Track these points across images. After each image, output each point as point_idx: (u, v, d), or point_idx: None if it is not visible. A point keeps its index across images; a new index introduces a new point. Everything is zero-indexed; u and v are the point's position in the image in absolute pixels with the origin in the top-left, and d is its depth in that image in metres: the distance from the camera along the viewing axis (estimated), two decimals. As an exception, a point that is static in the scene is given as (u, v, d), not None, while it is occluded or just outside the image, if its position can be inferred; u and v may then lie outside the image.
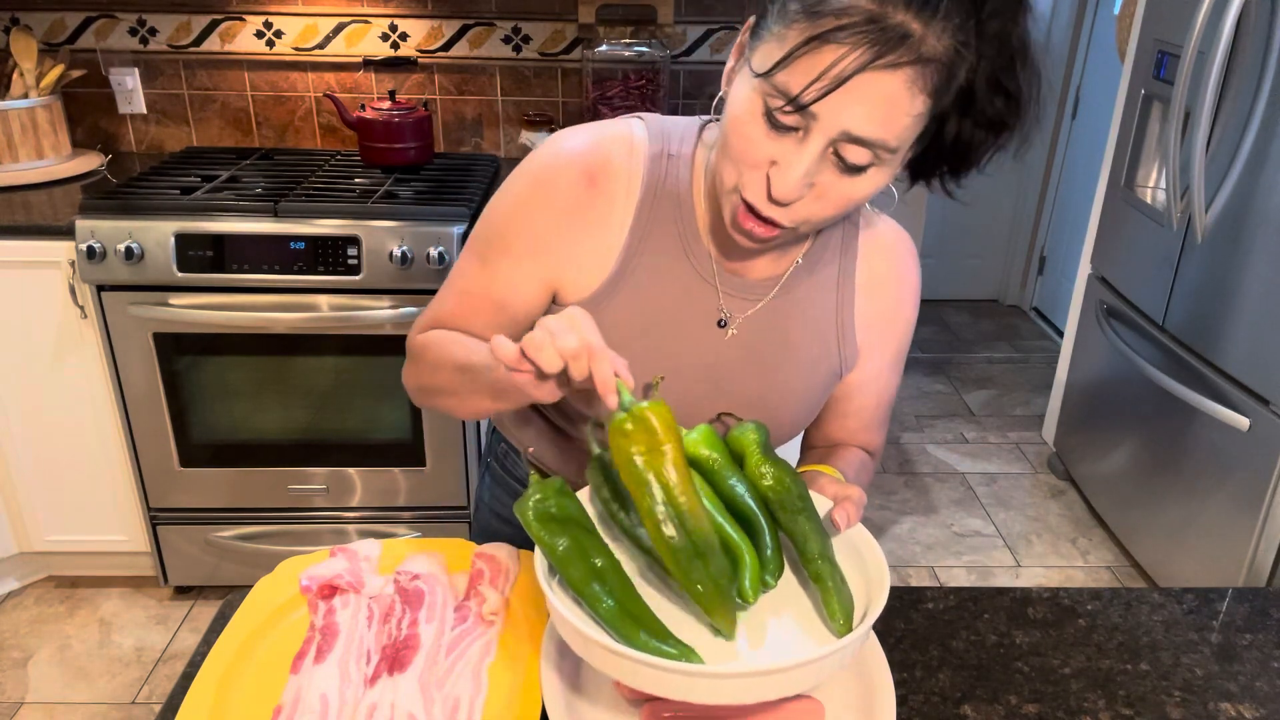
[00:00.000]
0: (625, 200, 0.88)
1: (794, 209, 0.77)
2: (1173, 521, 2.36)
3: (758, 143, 0.75)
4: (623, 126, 0.91)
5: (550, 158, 0.89)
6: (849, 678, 0.83)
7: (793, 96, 0.70)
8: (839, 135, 0.71)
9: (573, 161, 0.88)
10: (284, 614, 0.89)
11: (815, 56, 0.68)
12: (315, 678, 0.80)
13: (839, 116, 0.70)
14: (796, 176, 0.73)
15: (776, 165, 0.74)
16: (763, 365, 0.94)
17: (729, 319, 0.92)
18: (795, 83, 0.70)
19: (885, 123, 0.70)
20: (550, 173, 0.88)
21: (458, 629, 0.86)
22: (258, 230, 1.95)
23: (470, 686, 0.80)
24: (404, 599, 0.88)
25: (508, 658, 0.84)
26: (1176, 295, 2.35)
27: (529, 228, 0.89)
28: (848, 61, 0.67)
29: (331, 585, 0.89)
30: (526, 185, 0.89)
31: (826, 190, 0.76)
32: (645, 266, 0.90)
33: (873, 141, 0.71)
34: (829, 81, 0.68)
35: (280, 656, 0.84)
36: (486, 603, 0.88)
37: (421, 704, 0.78)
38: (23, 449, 2.16)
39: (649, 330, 0.91)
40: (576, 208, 0.88)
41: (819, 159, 0.73)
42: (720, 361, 0.93)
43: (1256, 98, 2.02)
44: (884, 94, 0.69)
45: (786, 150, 0.74)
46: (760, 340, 0.93)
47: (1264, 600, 1.00)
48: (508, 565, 0.93)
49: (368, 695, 0.79)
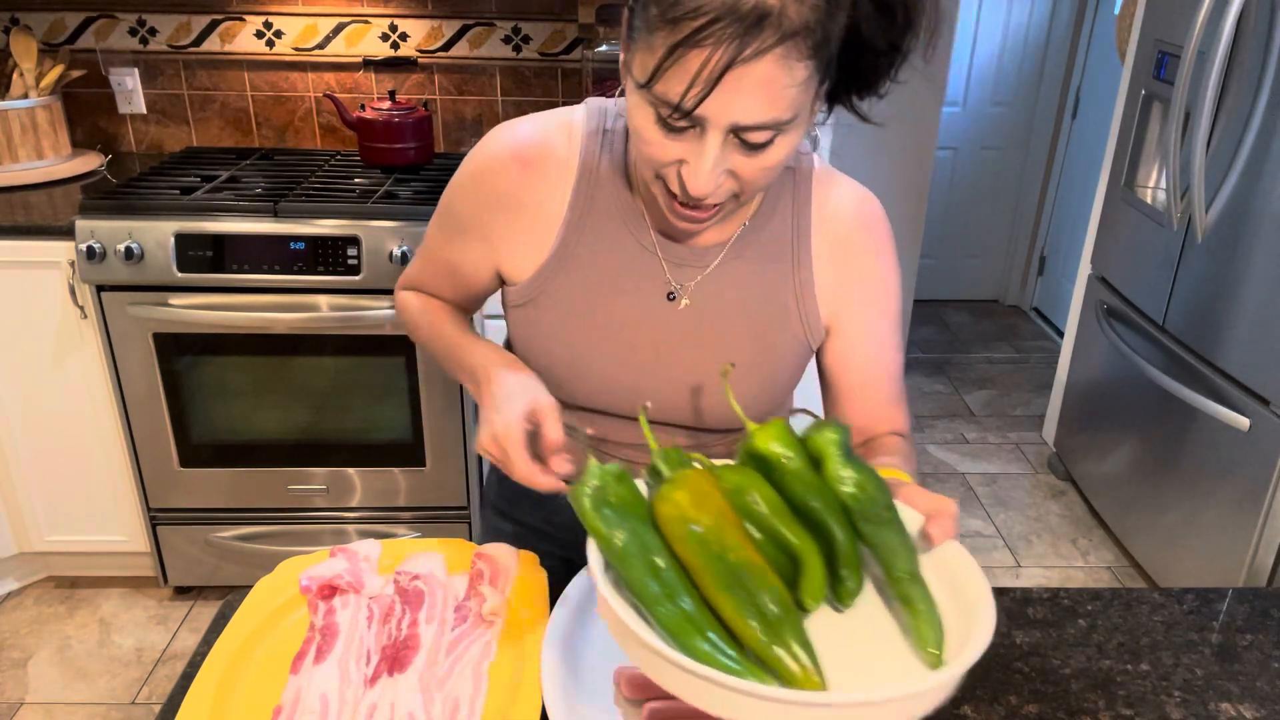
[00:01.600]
0: (561, 181, 0.91)
1: (720, 192, 0.78)
2: (1173, 521, 2.36)
3: (662, 146, 0.76)
4: (564, 111, 0.94)
5: (494, 143, 0.93)
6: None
7: (675, 104, 0.71)
8: (731, 127, 0.72)
9: (508, 149, 0.91)
10: (284, 614, 0.89)
11: (683, 64, 0.69)
12: (315, 678, 0.80)
13: (724, 112, 0.71)
14: (705, 172, 0.75)
15: (685, 164, 0.76)
16: (717, 336, 0.93)
17: (678, 291, 0.92)
18: (673, 91, 0.71)
19: (770, 104, 0.71)
20: (487, 162, 0.92)
21: (458, 629, 0.86)
22: (258, 230, 1.95)
23: (470, 686, 0.80)
24: (404, 599, 0.88)
25: (508, 658, 0.84)
26: (1176, 295, 2.35)
27: (470, 212, 0.94)
28: (714, 62, 0.67)
29: (331, 585, 0.89)
30: (469, 173, 0.94)
31: (743, 170, 0.77)
32: (586, 243, 0.91)
33: (764, 124, 0.72)
34: (702, 86, 0.69)
35: (280, 656, 0.84)
36: (486, 603, 0.88)
37: (421, 704, 0.78)
38: (23, 449, 2.16)
39: (596, 307, 0.92)
40: (511, 193, 0.91)
41: (721, 149, 0.74)
42: (673, 335, 0.93)
43: (1256, 98, 2.02)
44: (760, 80, 0.69)
45: (690, 149, 0.75)
46: (712, 309, 0.92)
47: (1264, 600, 1.00)
48: (508, 565, 0.93)
49: (368, 695, 0.79)
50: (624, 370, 0.94)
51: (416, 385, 2.10)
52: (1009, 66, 3.99)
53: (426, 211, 1.99)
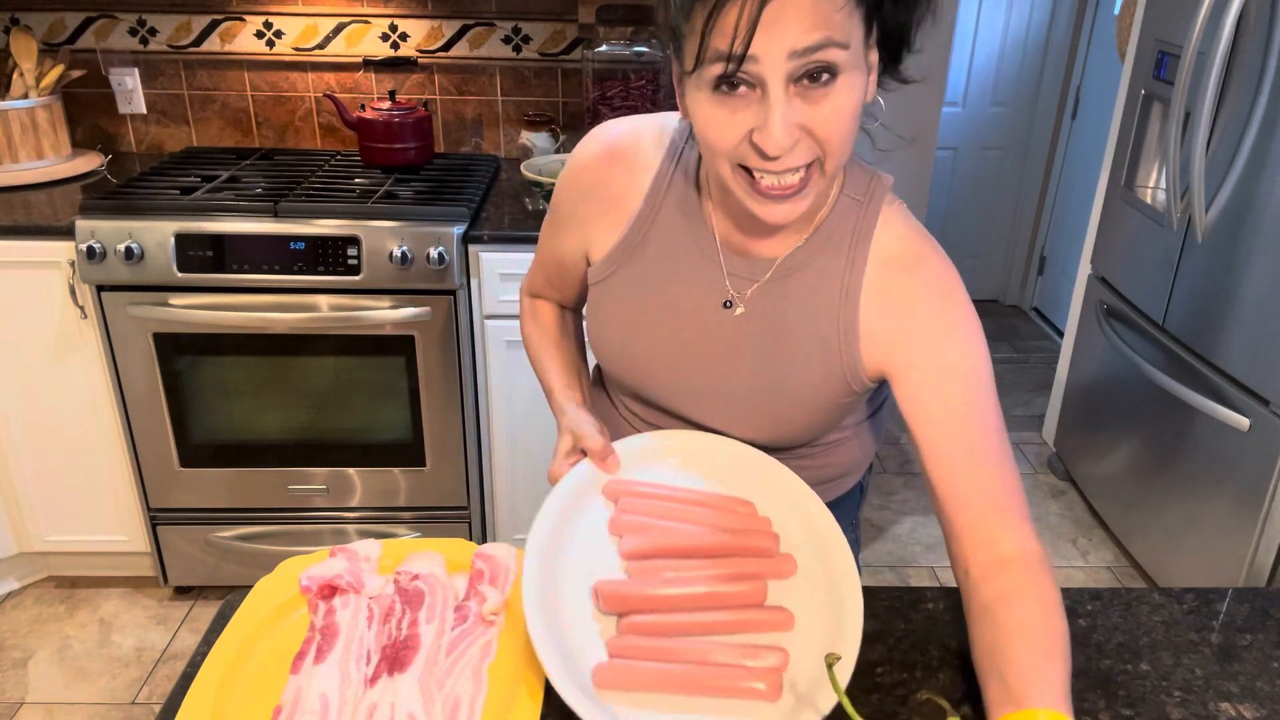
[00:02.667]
0: (642, 175, 0.97)
1: (798, 152, 0.78)
2: (1173, 521, 2.36)
3: (729, 123, 0.78)
4: (666, 115, 1.00)
5: (586, 145, 1.01)
6: (820, 588, 0.89)
7: (727, 56, 0.73)
8: (788, 60, 0.73)
9: (601, 145, 1.00)
10: (284, 614, 0.89)
11: (723, 19, 0.73)
12: (315, 678, 0.80)
13: (779, 43, 0.73)
14: (777, 125, 0.75)
15: (757, 129, 0.77)
16: (769, 347, 0.94)
17: (734, 299, 0.95)
18: (722, 44, 0.73)
19: (816, 23, 0.73)
20: (582, 158, 1.01)
21: (458, 629, 0.86)
22: (258, 230, 1.95)
23: (470, 686, 0.81)
24: (404, 599, 0.88)
25: (508, 658, 0.84)
26: (1176, 295, 2.35)
27: (568, 206, 1.03)
28: (750, 6, 0.71)
29: (331, 585, 0.89)
30: (568, 169, 1.03)
31: (812, 122, 0.77)
32: (654, 238, 0.97)
33: (818, 44, 0.73)
34: (745, 27, 0.72)
35: (280, 656, 0.84)
36: (487, 603, 0.88)
37: (421, 704, 0.78)
38: (23, 449, 2.16)
39: (654, 301, 0.98)
40: (600, 182, 0.99)
41: (787, 100, 0.75)
42: (727, 344, 0.96)
43: (1256, 98, 2.02)
44: (798, 4, 0.72)
45: (756, 113, 0.77)
46: (765, 321, 0.94)
47: (1264, 600, 1.00)
48: (508, 565, 0.93)
49: (368, 695, 0.79)
50: (671, 364, 0.99)
51: (416, 385, 2.10)
52: (1009, 66, 3.99)
53: (427, 211, 1.99)
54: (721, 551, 0.91)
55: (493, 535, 2.34)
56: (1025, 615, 0.78)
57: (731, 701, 0.79)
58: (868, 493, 1.04)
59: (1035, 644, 0.76)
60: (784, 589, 0.89)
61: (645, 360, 1.00)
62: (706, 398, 0.99)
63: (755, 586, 0.88)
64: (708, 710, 0.79)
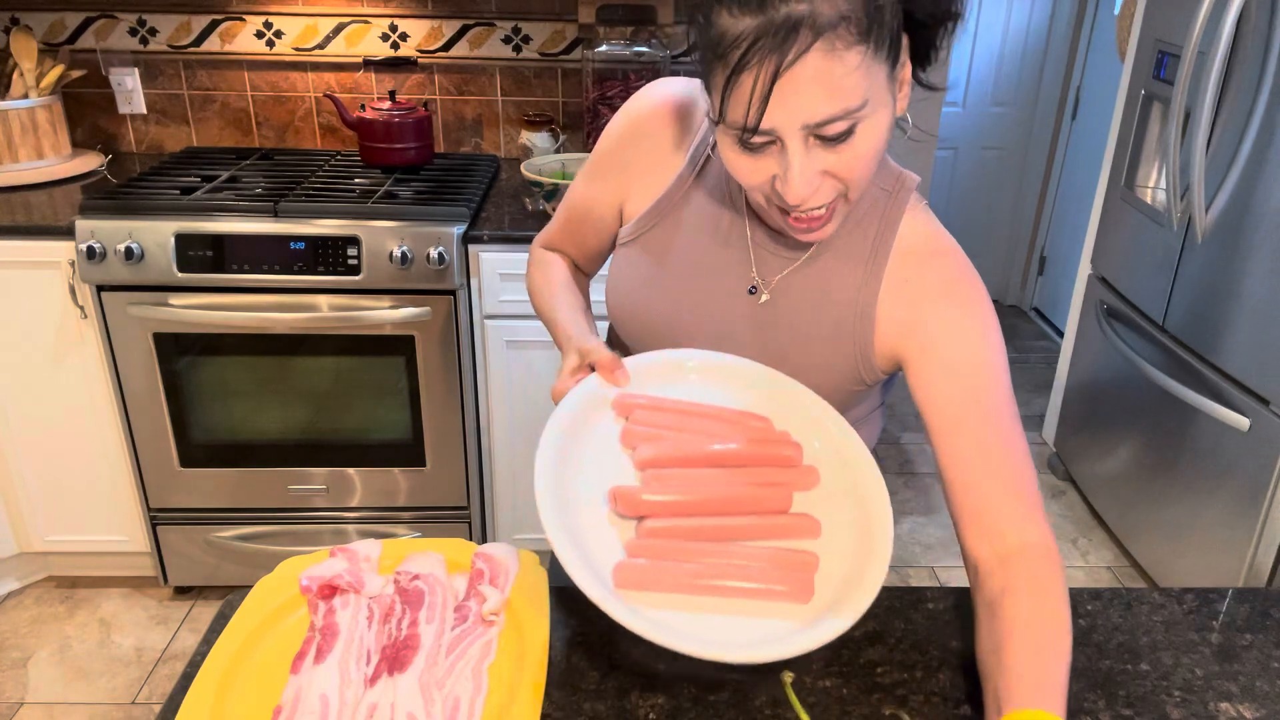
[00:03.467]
0: (691, 137, 0.97)
1: (823, 193, 0.80)
2: (1173, 521, 2.36)
3: (752, 169, 0.80)
4: None
5: (651, 93, 0.99)
6: (846, 500, 0.87)
7: (743, 125, 0.76)
8: (802, 130, 0.75)
9: (668, 95, 0.98)
10: (284, 614, 0.89)
11: (738, 90, 0.74)
12: (315, 678, 0.80)
13: (791, 118, 0.74)
14: (798, 179, 0.78)
15: (779, 178, 0.79)
16: (786, 331, 0.95)
17: (760, 285, 0.95)
18: (738, 116, 0.76)
19: (831, 96, 0.73)
20: (647, 105, 0.99)
21: (458, 629, 0.86)
22: (258, 230, 1.95)
23: (470, 686, 0.81)
24: (404, 599, 0.89)
25: (508, 658, 0.84)
26: (1176, 295, 2.35)
27: (615, 149, 1.01)
28: (763, 78, 0.72)
29: (331, 585, 0.89)
30: (626, 115, 1.00)
31: (836, 167, 0.79)
32: (690, 206, 0.97)
33: (834, 116, 0.74)
34: (759, 103, 0.74)
35: (280, 656, 0.84)
36: (487, 603, 0.88)
37: (421, 704, 0.78)
38: (23, 449, 2.16)
39: (678, 276, 0.97)
40: (658, 132, 0.98)
41: (806, 152, 0.77)
42: (746, 329, 0.96)
43: (1256, 98, 2.02)
44: (810, 78, 0.72)
45: (777, 161, 0.79)
46: (789, 308, 0.95)
47: (1264, 600, 1.00)
48: (508, 565, 0.93)
49: (368, 695, 0.79)
50: (683, 340, 0.98)
51: (416, 385, 2.10)
52: (1009, 66, 3.99)
53: (427, 211, 1.99)
54: (742, 461, 0.87)
55: (493, 535, 2.34)
56: (1023, 612, 0.77)
57: (758, 603, 0.77)
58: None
59: (1032, 644, 0.75)
60: (807, 500, 0.86)
61: (661, 330, 1.00)
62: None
63: (780, 492, 0.85)
64: (732, 610, 0.76)
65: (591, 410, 0.89)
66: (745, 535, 0.82)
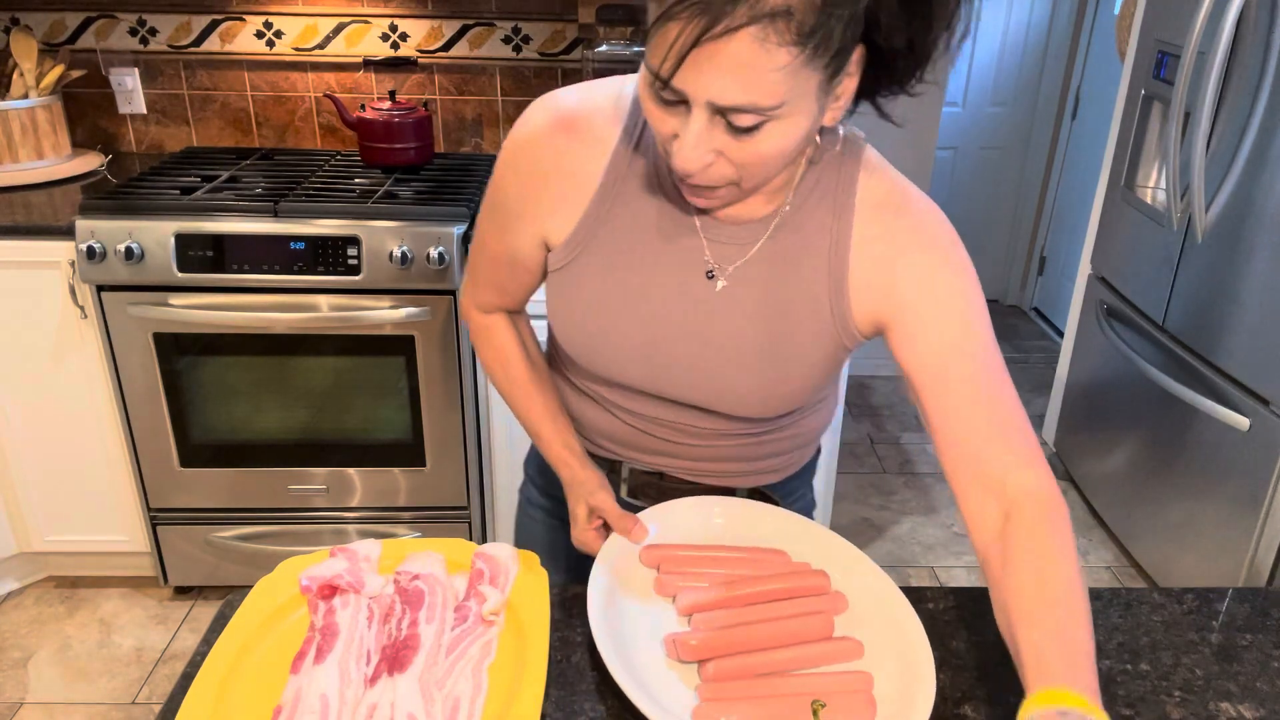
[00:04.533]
0: (601, 145, 0.90)
1: (710, 174, 0.78)
2: (1173, 521, 2.36)
3: (659, 118, 0.76)
4: (619, 79, 0.94)
5: (530, 121, 0.92)
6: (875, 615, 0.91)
7: (655, 73, 0.72)
8: (710, 105, 0.72)
9: (549, 119, 0.91)
10: (284, 614, 0.89)
11: (663, 35, 0.70)
12: (315, 678, 0.80)
13: (700, 88, 0.71)
14: (689, 148, 0.75)
15: (677, 138, 0.76)
16: (758, 321, 0.91)
17: (717, 270, 0.90)
18: (655, 60, 0.72)
19: (747, 86, 0.70)
20: (528, 137, 0.92)
21: (458, 629, 0.86)
22: (258, 230, 1.95)
23: (470, 686, 0.80)
24: (404, 599, 0.89)
25: (508, 658, 0.84)
26: (1176, 295, 2.35)
27: (517, 193, 0.94)
28: (686, 34, 0.68)
29: (331, 585, 0.89)
30: (512, 152, 0.93)
31: (733, 154, 0.76)
32: (622, 210, 0.91)
33: (743, 106, 0.71)
34: (674, 57, 0.69)
35: (280, 656, 0.84)
36: (487, 603, 0.88)
37: (421, 704, 0.78)
38: (23, 449, 2.16)
39: (630, 276, 0.91)
40: (553, 161, 0.91)
41: (707, 127, 0.74)
42: (707, 315, 0.91)
43: (1256, 98, 2.02)
44: (734, 59, 0.68)
45: (681, 123, 0.75)
46: (753, 293, 0.90)
47: (1264, 600, 1.00)
48: (507, 565, 0.93)
49: (368, 695, 0.79)
50: (649, 342, 0.93)
51: (416, 385, 2.10)
52: (1009, 66, 3.99)
53: (427, 211, 1.99)
54: (778, 595, 0.92)
55: (493, 535, 2.34)
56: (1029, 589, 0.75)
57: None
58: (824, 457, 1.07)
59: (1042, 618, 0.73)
60: (843, 623, 0.92)
61: (621, 346, 0.94)
62: (691, 374, 0.94)
63: (821, 619, 0.89)
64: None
65: (624, 564, 0.95)
66: (800, 665, 0.86)
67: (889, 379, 3.65)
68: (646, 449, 1.05)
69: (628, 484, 1.09)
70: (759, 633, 0.87)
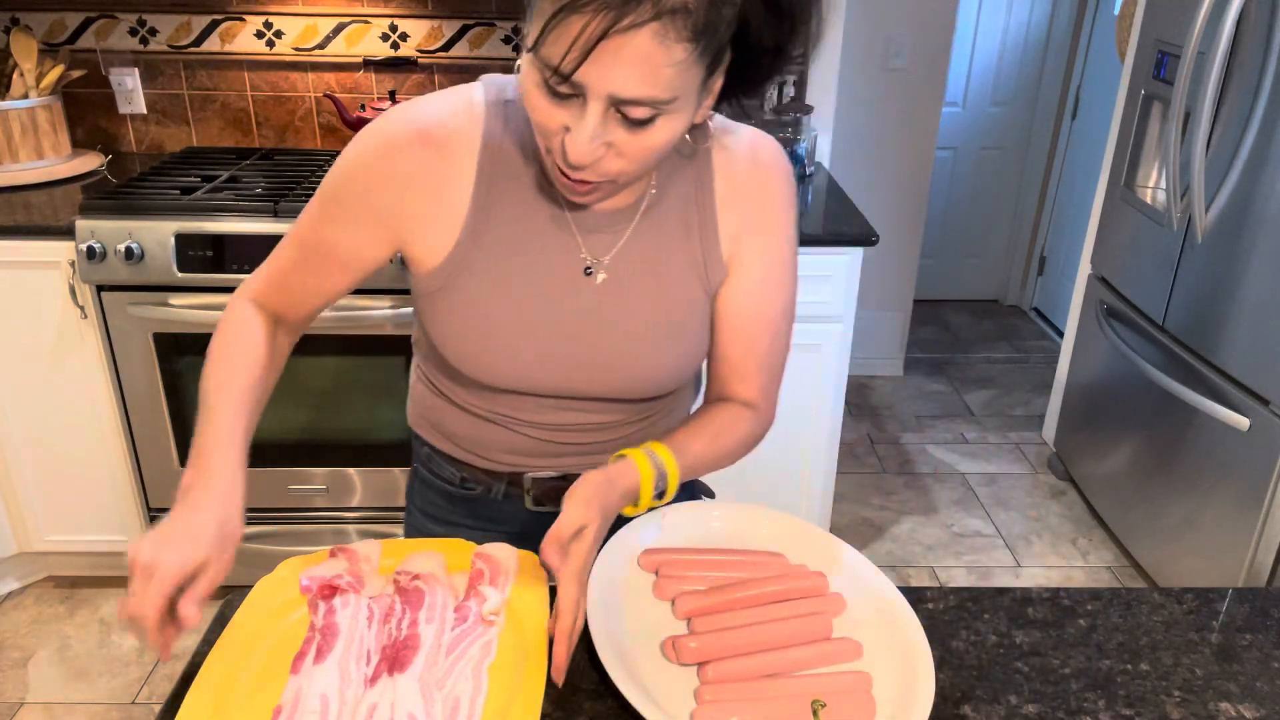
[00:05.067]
0: (466, 158, 0.90)
1: (598, 167, 0.79)
2: (1173, 521, 2.36)
3: (547, 112, 0.77)
4: (463, 89, 0.94)
5: (392, 124, 0.90)
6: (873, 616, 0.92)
7: (554, 67, 0.73)
8: (609, 98, 0.74)
9: (412, 128, 0.89)
10: (284, 614, 0.89)
11: (565, 27, 0.71)
12: (315, 678, 0.80)
13: (602, 81, 0.73)
14: (584, 141, 0.76)
15: (569, 131, 0.77)
16: (638, 306, 0.94)
17: (595, 264, 0.93)
18: (554, 54, 0.72)
19: (646, 79, 0.73)
20: (392, 138, 0.89)
21: (458, 629, 0.86)
22: (258, 230, 1.95)
23: (470, 686, 0.81)
24: (404, 599, 0.89)
25: (508, 658, 0.84)
26: (1176, 295, 2.35)
27: (366, 194, 0.90)
28: (592, 28, 0.70)
29: (332, 585, 0.89)
30: (367, 151, 0.90)
31: (624, 146, 0.78)
32: (497, 219, 0.91)
33: (641, 99, 0.74)
34: (580, 50, 0.71)
35: (280, 656, 0.84)
36: (487, 603, 0.88)
37: (421, 704, 0.78)
38: (23, 449, 2.16)
39: (513, 283, 0.92)
40: (417, 173, 0.89)
41: (603, 120, 0.76)
42: (592, 309, 0.93)
43: (1256, 98, 2.02)
44: (637, 53, 0.71)
45: (573, 116, 0.76)
46: (628, 281, 0.94)
47: (1264, 600, 1.00)
48: (508, 565, 0.93)
49: (368, 695, 0.79)
50: (545, 347, 0.94)
51: (416, 385, 2.10)
52: (1009, 66, 3.99)
53: (426, 211, 1.99)
54: (776, 597, 0.93)
55: (493, 535, 2.34)
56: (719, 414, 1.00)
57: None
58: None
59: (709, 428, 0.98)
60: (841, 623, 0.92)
61: (519, 355, 0.94)
62: (593, 368, 0.95)
63: (820, 620, 0.90)
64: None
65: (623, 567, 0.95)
66: (799, 666, 0.86)
67: (889, 379, 3.65)
68: (549, 454, 1.04)
69: (532, 494, 1.07)
70: (758, 635, 0.88)
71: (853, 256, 2.11)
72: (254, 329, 1.01)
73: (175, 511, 0.80)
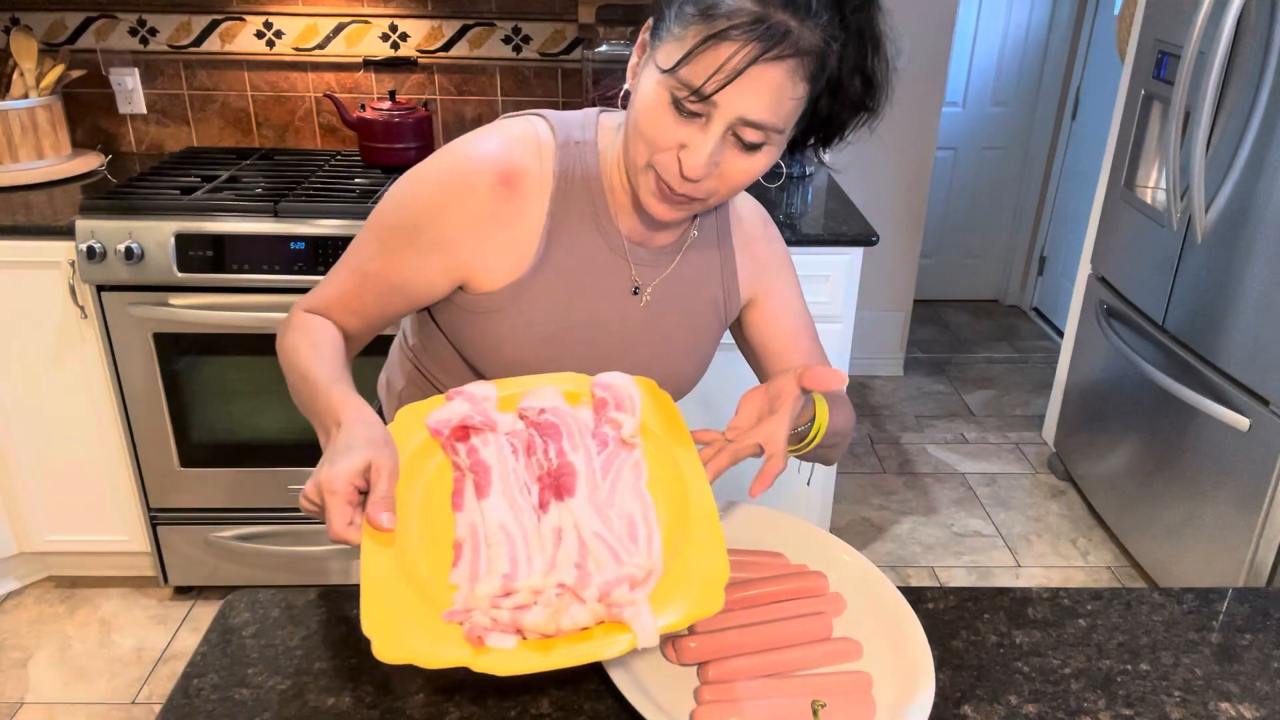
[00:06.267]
0: (540, 195, 0.96)
1: (702, 184, 0.87)
2: (1173, 521, 2.36)
3: (668, 129, 0.84)
4: (527, 126, 0.98)
5: (467, 161, 0.94)
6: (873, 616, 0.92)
7: (696, 88, 0.81)
8: (736, 120, 0.82)
9: (489, 165, 0.93)
10: (422, 458, 0.87)
11: (713, 53, 0.79)
12: (487, 511, 0.80)
13: (736, 104, 0.81)
14: (703, 157, 0.84)
15: (686, 148, 0.85)
16: (669, 325, 1.05)
17: (641, 286, 1.02)
18: (697, 76, 0.80)
19: (774, 107, 0.82)
20: (467, 176, 0.93)
21: (603, 454, 0.87)
22: (258, 230, 1.95)
23: (639, 504, 0.82)
24: (540, 432, 0.88)
25: (662, 473, 0.86)
26: (1176, 295, 2.35)
27: (439, 226, 0.93)
28: (741, 56, 0.78)
29: (464, 427, 0.87)
30: (442, 185, 0.94)
31: (728, 168, 0.87)
32: (563, 249, 0.98)
33: (765, 124, 0.83)
34: (727, 74, 0.79)
35: (433, 497, 0.83)
36: (624, 427, 0.88)
37: (601, 524, 0.79)
38: (23, 449, 2.16)
39: (571, 307, 0.99)
40: (492, 210, 0.94)
41: (721, 141, 0.84)
42: (635, 325, 1.03)
43: (1256, 98, 2.02)
44: (772, 83, 0.80)
45: (693, 134, 0.84)
46: (667, 303, 1.04)
47: (1264, 600, 1.00)
48: (629, 390, 0.92)
49: (545, 520, 0.80)
50: (591, 364, 1.01)
51: (416, 385, 2.10)
52: (1009, 66, 3.99)
53: (426, 211, 1.99)
54: (776, 597, 0.93)
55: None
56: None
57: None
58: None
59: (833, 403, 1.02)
60: (842, 623, 0.92)
61: (553, 365, 0.99)
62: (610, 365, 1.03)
63: (820, 620, 0.90)
64: None
65: None
66: (799, 666, 0.87)
67: (889, 379, 3.65)
68: None
69: None
70: (758, 635, 0.88)
71: (853, 256, 2.11)
72: (325, 324, 0.99)
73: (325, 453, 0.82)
